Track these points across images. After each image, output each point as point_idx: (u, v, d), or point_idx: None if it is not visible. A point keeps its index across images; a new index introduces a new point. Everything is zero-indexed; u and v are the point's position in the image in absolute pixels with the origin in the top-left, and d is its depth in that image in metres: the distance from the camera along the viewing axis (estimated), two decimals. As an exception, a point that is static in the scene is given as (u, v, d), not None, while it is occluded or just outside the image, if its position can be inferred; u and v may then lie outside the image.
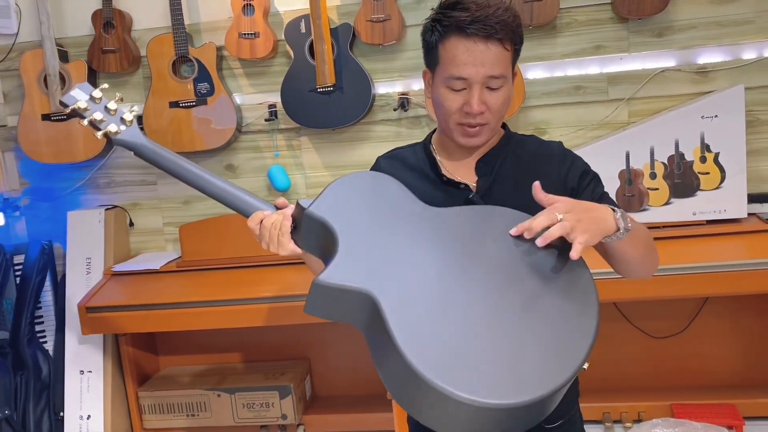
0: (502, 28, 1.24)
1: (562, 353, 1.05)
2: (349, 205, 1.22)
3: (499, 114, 1.31)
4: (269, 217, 1.26)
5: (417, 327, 1.06)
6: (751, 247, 2.47)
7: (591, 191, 1.35)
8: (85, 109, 1.31)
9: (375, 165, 1.46)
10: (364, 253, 1.16)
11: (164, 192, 3.07)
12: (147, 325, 2.68)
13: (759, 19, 2.62)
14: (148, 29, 2.93)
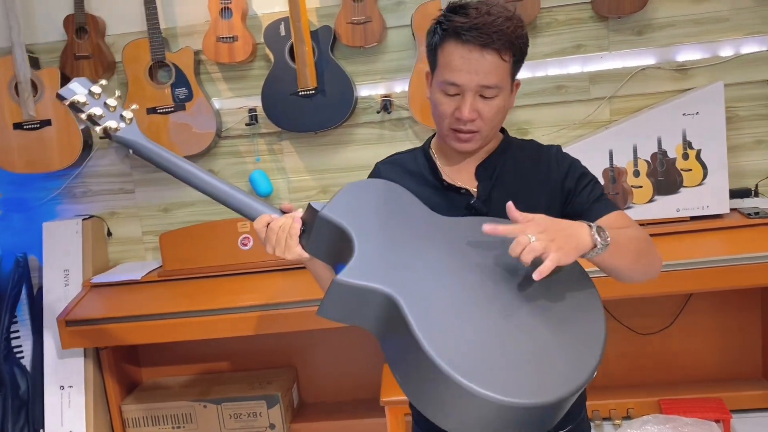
0: (500, 37, 1.22)
1: (580, 353, 1.06)
2: (362, 208, 1.21)
3: (492, 123, 1.30)
4: (277, 220, 1.23)
5: (440, 327, 1.05)
6: (733, 243, 2.49)
7: (588, 193, 1.34)
8: (84, 104, 1.28)
9: (374, 171, 1.44)
10: (381, 256, 1.15)
11: (142, 200, 3.00)
12: (130, 337, 2.61)
13: (735, 17, 2.66)
14: (122, 34, 2.86)
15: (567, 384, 1.01)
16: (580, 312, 1.12)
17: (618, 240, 1.18)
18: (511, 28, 1.23)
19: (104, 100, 1.30)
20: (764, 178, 2.73)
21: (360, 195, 1.23)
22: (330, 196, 2.87)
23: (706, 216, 2.60)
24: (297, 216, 1.24)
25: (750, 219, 2.54)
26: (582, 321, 1.11)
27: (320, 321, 2.47)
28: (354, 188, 1.25)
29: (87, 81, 1.31)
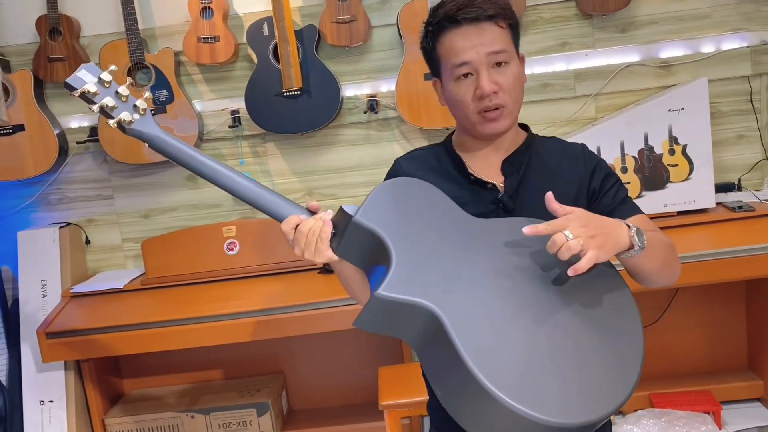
0: (489, 6, 1.24)
1: (620, 369, 1.04)
2: (396, 212, 1.15)
3: (514, 93, 1.28)
4: (306, 222, 1.17)
5: (484, 345, 1.02)
6: (719, 237, 2.52)
7: (614, 194, 1.33)
8: (95, 94, 1.18)
9: (394, 166, 1.40)
10: (420, 266, 1.10)
11: (122, 206, 2.91)
12: (114, 348, 2.52)
13: (716, 14, 2.69)
14: (98, 35, 2.78)
15: (609, 403, 1.00)
16: (618, 319, 1.10)
17: (652, 243, 1.17)
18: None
19: (115, 89, 1.20)
20: (747, 172, 2.77)
21: (393, 197, 1.17)
22: (316, 198, 2.84)
23: (693, 211, 2.63)
24: (327, 218, 1.18)
25: (735, 213, 2.57)
26: (621, 330, 1.09)
27: (307, 327, 2.48)
28: (386, 189, 1.18)
29: (95, 67, 1.22)
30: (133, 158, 2.74)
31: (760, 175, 2.79)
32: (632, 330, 1.09)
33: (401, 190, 1.19)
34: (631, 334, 1.09)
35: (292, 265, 2.67)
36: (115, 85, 1.21)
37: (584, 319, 1.09)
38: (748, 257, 2.43)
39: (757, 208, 2.59)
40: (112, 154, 2.73)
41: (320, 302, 2.49)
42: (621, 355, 1.06)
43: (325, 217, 1.18)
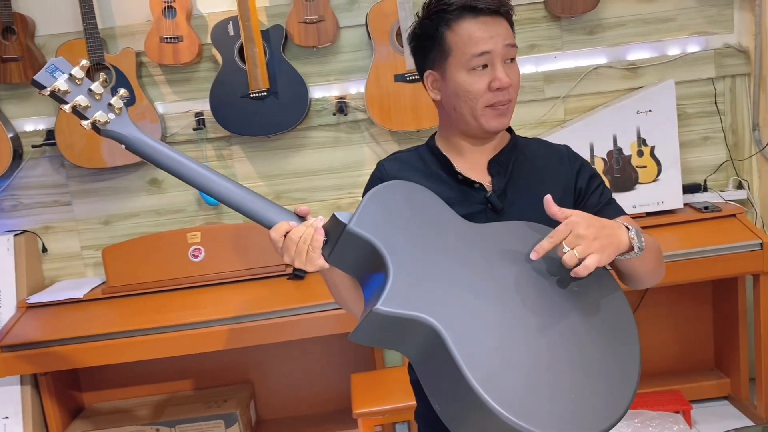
0: (503, 5, 1.25)
1: (618, 382, 1.04)
2: (391, 219, 1.10)
3: (517, 90, 1.29)
4: (297, 230, 1.12)
5: (486, 361, 0.99)
6: (687, 237, 2.55)
7: (599, 195, 1.33)
8: (66, 92, 1.10)
9: (378, 169, 1.36)
10: (418, 276, 1.05)
11: (81, 212, 2.80)
12: (74, 360, 2.42)
13: (680, 17, 2.73)
14: (54, 35, 2.67)
15: (609, 416, 1.00)
16: (616, 324, 1.10)
17: (648, 245, 1.16)
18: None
19: (88, 86, 1.12)
20: (712, 173, 2.81)
21: (388, 202, 1.12)
22: (284, 203, 2.78)
23: (662, 211, 2.65)
24: (318, 226, 1.12)
25: (702, 213, 2.60)
26: (619, 347, 1.08)
27: (277, 334, 2.42)
28: (380, 196, 1.13)
29: (65, 62, 1.13)
30: (92, 162, 2.64)
31: (725, 176, 2.83)
32: (628, 339, 1.09)
33: (395, 194, 1.14)
34: (627, 344, 1.08)
35: (259, 271, 2.61)
36: (88, 82, 1.13)
37: (584, 326, 1.08)
38: (715, 257, 2.47)
39: (723, 208, 2.63)
40: (70, 158, 2.63)
41: (290, 309, 2.44)
42: (618, 369, 1.05)
43: (316, 224, 1.13)
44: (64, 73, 1.12)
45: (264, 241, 2.62)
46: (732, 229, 2.54)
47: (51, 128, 2.65)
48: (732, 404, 2.75)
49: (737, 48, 2.73)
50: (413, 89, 2.56)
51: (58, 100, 1.12)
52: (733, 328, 2.70)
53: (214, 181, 1.16)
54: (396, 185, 1.17)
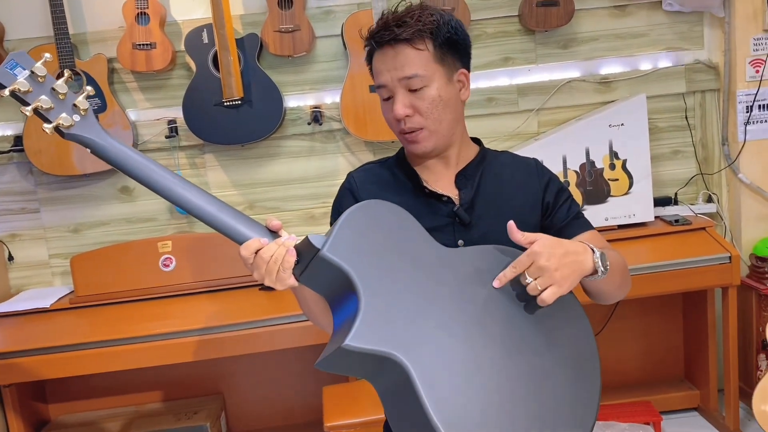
0: (405, 29, 1.21)
1: (580, 408, 1.06)
2: (364, 246, 1.07)
3: (432, 116, 1.25)
4: (268, 248, 1.08)
5: (451, 401, 0.99)
6: (657, 250, 2.58)
7: (567, 209, 1.33)
8: (28, 92, 1.03)
9: (347, 180, 1.36)
10: (388, 307, 1.04)
11: (49, 220, 2.74)
12: (39, 372, 2.36)
13: (652, 33, 2.77)
14: (24, 39, 2.62)
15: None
16: (579, 361, 1.11)
17: (612, 264, 1.16)
18: (415, 18, 1.22)
19: (51, 85, 1.05)
20: (683, 187, 2.85)
21: (362, 227, 1.09)
22: (258, 212, 2.76)
23: (633, 224, 2.67)
24: (290, 246, 1.09)
25: (672, 226, 2.63)
26: (581, 370, 1.10)
27: (248, 346, 2.39)
28: (355, 219, 1.09)
29: (26, 56, 1.05)
30: (61, 169, 2.59)
31: (695, 189, 2.87)
32: (592, 366, 1.11)
33: (369, 216, 1.11)
34: (590, 373, 1.10)
35: (231, 281, 2.58)
36: (51, 80, 1.06)
37: (550, 356, 1.09)
38: (685, 270, 2.49)
39: (693, 221, 2.67)
40: (39, 164, 2.58)
41: (261, 320, 2.41)
42: (580, 394, 1.07)
43: (288, 244, 1.09)
44: (25, 69, 1.04)
45: (236, 252, 2.60)
46: (702, 242, 2.57)
47: (19, 134, 2.60)
48: (701, 415, 2.78)
49: (707, 64, 2.77)
50: (388, 100, 2.56)
51: (20, 101, 1.05)
52: (702, 340, 2.73)
53: (184, 190, 1.10)
54: (370, 206, 1.13)
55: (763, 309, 2.64)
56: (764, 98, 2.72)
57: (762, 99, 2.72)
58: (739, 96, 2.72)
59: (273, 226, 1.13)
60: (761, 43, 2.69)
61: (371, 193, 1.29)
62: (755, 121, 2.74)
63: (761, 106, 2.73)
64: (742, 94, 2.72)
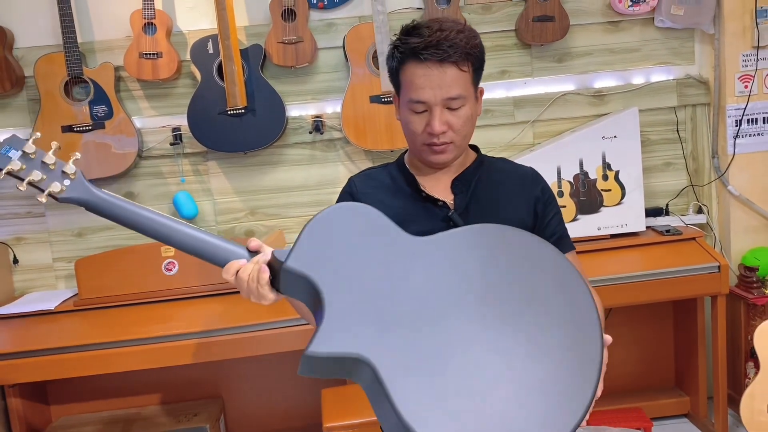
0: (455, 51, 1.26)
1: (567, 397, 1.02)
2: (330, 252, 1.12)
3: (463, 132, 1.33)
4: (245, 268, 1.16)
5: (419, 395, 1.01)
6: (649, 259, 2.65)
7: (555, 226, 1.40)
8: (20, 170, 1.15)
9: (348, 184, 1.43)
10: (354, 311, 1.07)
11: (54, 224, 2.80)
12: (43, 372, 2.40)
13: (645, 48, 2.85)
14: (33, 47, 2.68)
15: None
16: (573, 341, 1.06)
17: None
18: (464, 40, 1.27)
19: (41, 159, 1.17)
20: (674, 198, 2.92)
21: (325, 233, 1.13)
22: (258, 218, 2.82)
23: (625, 234, 2.74)
24: (263, 262, 1.15)
25: (664, 236, 2.70)
26: (575, 352, 1.05)
27: (249, 348, 2.45)
28: (318, 226, 1.13)
29: (18, 139, 1.18)
30: (67, 174, 2.64)
31: (686, 201, 2.94)
32: (588, 341, 1.06)
33: (334, 222, 1.14)
34: (586, 346, 1.06)
35: (232, 285, 2.62)
36: (41, 154, 1.18)
37: (532, 341, 1.06)
38: (676, 278, 2.56)
39: (683, 231, 2.74)
40: (46, 169, 2.63)
41: (261, 324, 2.46)
42: (570, 381, 1.03)
43: (261, 260, 1.16)
44: (18, 150, 1.16)
45: (238, 256, 2.63)
46: (692, 252, 2.64)
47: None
48: (691, 422, 2.83)
49: (698, 79, 2.85)
50: (388, 110, 2.63)
51: (15, 178, 1.17)
52: (692, 347, 2.79)
53: (168, 230, 1.19)
54: (335, 212, 1.16)
55: (751, 318, 2.70)
56: (753, 113, 2.80)
57: (751, 113, 2.80)
58: (729, 110, 2.80)
59: (253, 247, 1.19)
60: (750, 60, 2.77)
61: (370, 197, 1.36)
62: (744, 134, 2.82)
63: (750, 120, 2.81)
64: (732, 109, 2.80)
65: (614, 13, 2.78)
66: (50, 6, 2.61)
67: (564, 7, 2.71)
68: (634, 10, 2.75)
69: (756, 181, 2.83)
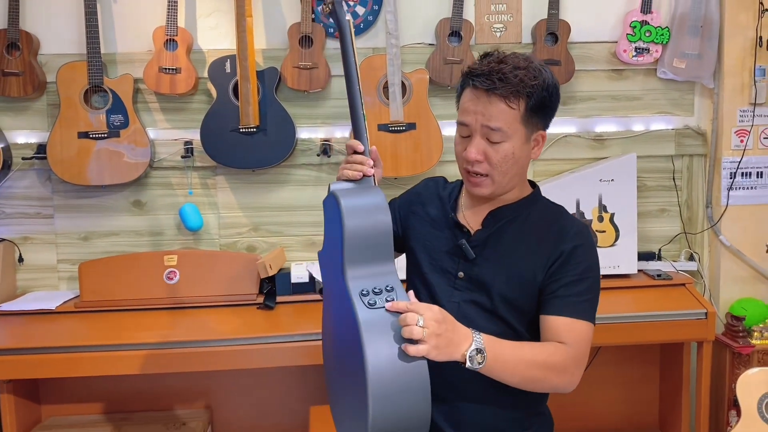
0: (504, 85, 1.28)
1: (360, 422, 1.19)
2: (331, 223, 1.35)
3: (501, 168, 1.32)
4: (360, 156, 1.36)
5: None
6: (639, 302, 2.71)
7: (556, 287, 1.33)
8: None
9: (425, 182, 1.56)
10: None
11: (61, 226, 2.86)
12: (37, 370, 2.43)
13: (646, 97, 2.95)
14: (57, 54, 2.78)
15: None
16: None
17: (504, 362, 1.23)
18: (518, 77, 1.28)
19: None
20: (666, 243, 2.99)
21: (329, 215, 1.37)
22: (261, 235, 2.90)
23: (617, 275, 2.81)
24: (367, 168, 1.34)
25: (654, 280, 2.77)
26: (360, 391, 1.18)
27: (239, 362, 2.48)
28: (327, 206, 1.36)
29: None
30: (79, 179, 2.72)
31: (678, 247, 3.01)
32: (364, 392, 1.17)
33: (330, 206, 1.34)
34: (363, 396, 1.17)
35: (231, 298, 2.69)
36: None
37: (356, 373, 1.19)
38: (664, 322, 2.60)
39: (674, 277, 2.80)
40: (59, 173, 2.71)
41: (254, 337, 2.48)
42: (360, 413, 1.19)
43: (366, 170, 1.33)
44: None
45: (237, 270, 2.71)
46: (681, 297, 2.70)
47: (43, 142, 2.74)
48: (672, 465, 2.87)
49: (696, 130, 2.95)
50: (394, 138, 2.72)
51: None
52: (677, 392, 2.83)
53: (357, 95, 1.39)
54: (330, 200, 1.33)
55: (736, 366, 2.76)
56: (747, 166, 2.89)
57: (745, 167, 2.89)
58: (724, 162, 2.89)
59: (374, 151, 1.39)
60: (747, 115, 2.87)
61: (418, 201, 1.50)
62: (738, 187, 2.90)
63: (744, 174, 2.90)
64: (727, 161, 2.89)
65: (619, 61, 2.89)
66: (77, 16, 2.72)
67: (571, 53, 2.81)
68: (638, 60, 2.85)
69: (747, 233, 2.91)
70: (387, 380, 1.12)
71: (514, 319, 1.37)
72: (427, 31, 2.84)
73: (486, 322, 1.35)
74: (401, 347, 1.13)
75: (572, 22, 2.81)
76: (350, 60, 1.37)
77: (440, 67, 2.78)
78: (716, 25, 2.85)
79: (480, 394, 1.36)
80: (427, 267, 1.43)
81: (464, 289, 1.39)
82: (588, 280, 1.35)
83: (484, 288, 1.37)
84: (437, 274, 1.42)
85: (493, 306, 1.36)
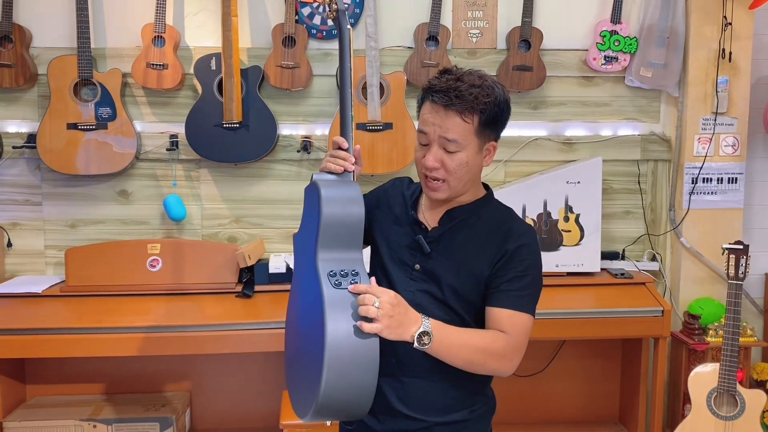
0: (460, 102, 1.40)
1: (309, 395, 1.31)
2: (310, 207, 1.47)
3: (456, 175, 1.44)
4: (342, 152, 1.47)
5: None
6: (602, 298, 2.84)
7: (499, 282, 1.45)
8: None
9: (392, 182, 1.67)
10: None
11: (50, 213, 2.97)
12: (23, 350, 2.55)
13: (614, 103, 3.08)
14: (48, 48, 2.88)
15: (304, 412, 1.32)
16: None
17: (449, 345, 1.37)
18: (473, 95, 1.40)
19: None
20: (630, 244, 3.13)
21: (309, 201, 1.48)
22: (242, 226, 3.01)
23: (581, 273, 2.94)
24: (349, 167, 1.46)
25: (616, 278, 2.90)
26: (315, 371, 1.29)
27: (217, 346, 2.61)
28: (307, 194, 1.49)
29: None
30: (67, 168, 2.82)
31: (642, 248, 3.15)
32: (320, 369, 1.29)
33: (310, 194, 1.46)
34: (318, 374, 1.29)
35: (211, 286, 2.80)
36: None
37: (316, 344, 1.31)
38: (623, 318, 2.74)
39: (635, 276, 2.94)
40: (48, 162, 2.81)
41: (233, 323, 2.60)
42: (312, 385, 1.31)
43: (348, 166, 1.46)
44: None
45: (218, 259, 2.82)
46: (640, 295, 2.84)
47: (33, 132, 2.84)
48: (630, 457, 3.00)
49: (661, 136, 3.08)
50: (371, 137, 2.84)
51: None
52: (636, 385, 2.97)
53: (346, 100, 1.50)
54: (312, 188, 1.44)
55: (691, 362, 2.90)
56: (708, 173, 3.03)
57: (706, 173, 3.03)
58: (687, 168, 3.03)
59: (357, 150, 1.50)
60: (709, 124, 3.00)
61: (385, 197, 1.61)
62: (699, 192, 3.04)
63: (705, 179, 3.03)
64: (690, 167, 3.03)
65: (589, 69, 3.02)
66: (69, 11, 2.82)
67: (543, 59, 2.94)
68: (606, 68, 2.99)
69: (707, 235, 3.04)
70: (342, 353, 1.25)
71: (462, 308, 1.49)
72: (406, 34, 2.96)
73: (437, 309, 1.48)
74: (357, 324, 1.26)
75: (545, 30, 2.94)
76: (346, 64, 1.49)
77: (418, 70, 2.90)
78: (682, 36, 2.98)
79: (427, 373, 1.48)
80: (387, 258, 1.55)
81: (419, 280, 1.51)
82: (529, 277, 1.47)
83: (436, 280, 1.49)
84: (396, 265, 1.54)
85: (444, 296, 1.49)
